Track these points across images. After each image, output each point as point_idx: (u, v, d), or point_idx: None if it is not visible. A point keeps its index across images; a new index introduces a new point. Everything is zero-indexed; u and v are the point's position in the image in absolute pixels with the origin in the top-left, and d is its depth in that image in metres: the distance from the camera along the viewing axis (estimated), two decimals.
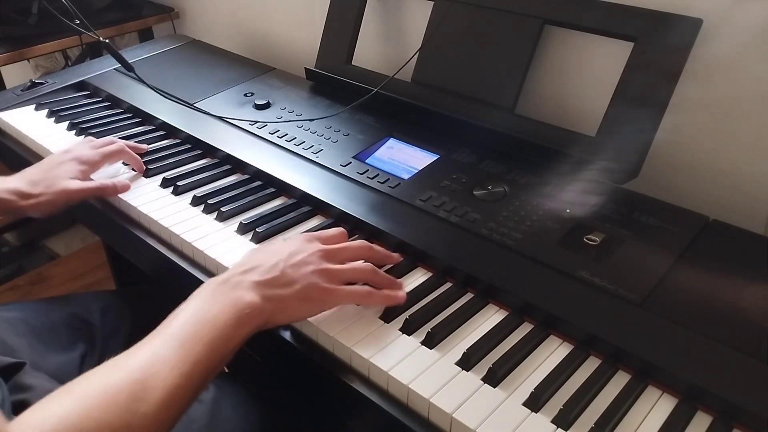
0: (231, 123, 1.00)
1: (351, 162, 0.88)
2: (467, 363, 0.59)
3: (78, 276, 1.78)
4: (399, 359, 0.59)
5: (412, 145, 0.92)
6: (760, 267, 0.67)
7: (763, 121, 0.79)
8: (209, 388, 0.73)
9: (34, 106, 1.11)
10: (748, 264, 0.67)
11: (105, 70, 1.22)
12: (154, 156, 0.94)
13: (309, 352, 0.63)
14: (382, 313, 0.65)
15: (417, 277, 0.71)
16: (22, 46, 1.34)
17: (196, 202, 0.84)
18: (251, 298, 0.59)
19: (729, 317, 0.61)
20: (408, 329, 0.63)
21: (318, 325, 0.63)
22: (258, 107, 1.04)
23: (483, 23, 0.93)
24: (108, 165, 0.90)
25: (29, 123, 1.06)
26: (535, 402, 0.55)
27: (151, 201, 0.84)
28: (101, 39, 1.07)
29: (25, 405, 0.62)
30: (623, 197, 0.77)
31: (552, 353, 0.61)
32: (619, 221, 0.73)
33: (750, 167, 0.82)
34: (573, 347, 0.61)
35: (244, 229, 0.78)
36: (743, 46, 0.77)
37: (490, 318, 0.65)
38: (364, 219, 0.77)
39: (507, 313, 0.65)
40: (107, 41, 1.08)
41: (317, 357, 0.63)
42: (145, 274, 0.87)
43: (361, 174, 0.85)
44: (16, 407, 0.60)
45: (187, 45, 1.34)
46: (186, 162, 0.94)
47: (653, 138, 0.78)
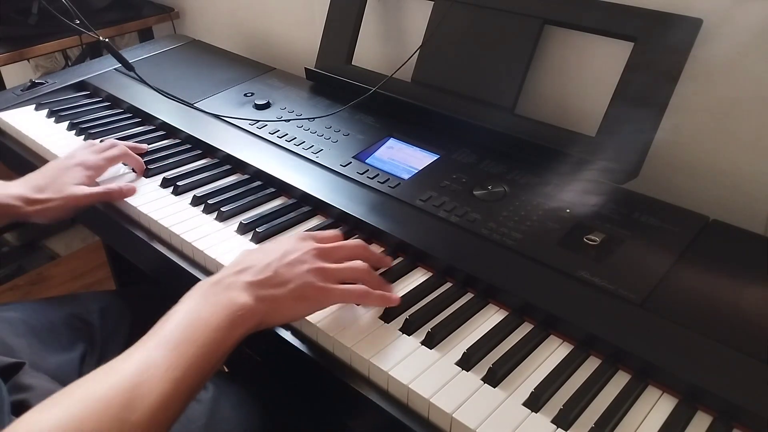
0: (231, 123, 1.00)
1: (351, 162, 0.88)
2: (467, 363, 0.59)
3: (78, 276, 1.78)
4: (399, 359, 0.59)
5: (412, 145, 0.92)
6: (760, 267, 0.67)
7: (763, 121, 0.79)
8: (208, 388, 0.73)
9: (34, 106, 1.11)
10: (748, 264, 0.67)
11: (105, 70, 1.22)
12: (154, 156, 0.94)
13: (309, 352, 0.63)
14: (382, 313, 0.65)
15: (417, 277, 0.71)
16: (22, 46, 1.34)
17: (196, 202, 0.84)
18: (244, 299, 0.58)
19: (729, 317, 0.61)
20: (408, 329, 0.63)
21: (318, 325, 0.63)
22: (258, 107, 1.04)
23: (483, 23, 0.93)
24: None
25: (29, 123, 1.06)
26: (535, 402, 0.55)
27: (151, 201, 0.84)
28: (101, 38, 1.07)
29: (25, 405, 0.62)
30: (623, 197, 0.77)
31: (552, 353, 0.61)
32: (619, 221, 0.73)
33: (750, 167, 0.82)
34: (573, 347, 0.61)
35: (244, 229, 0.78)
36: (743, 46, 0.77)
37: (490, 318, 0.65)
38: (364, 219, 0.77)
39: (507, 313, 0.65)
40: (107, 41, 1.08)
41: (317, 357, 0.63)
42: (145, 274, 0.87)
43: (361, 174, 0.85)
44: (15, 407, 0.60)
45: (187, 45, 1.34)
46: (186, 162, 0.94)
47: (653, 138, 0.78)
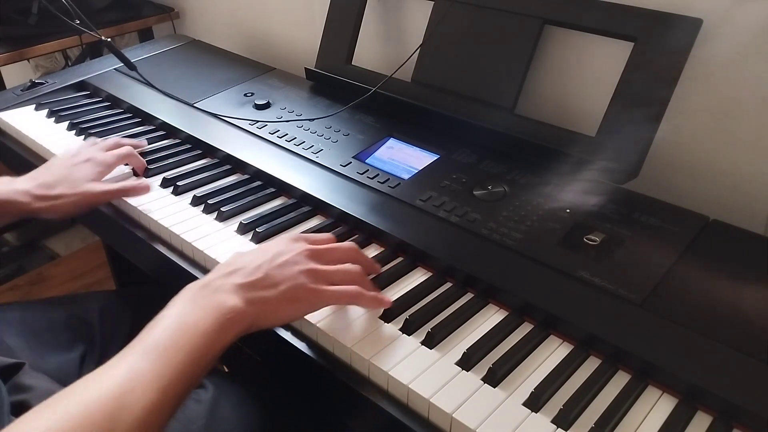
0: (231, 123, 1.00)
1: (351, 162, 0.88)
2: (467, 363, 0.59)
3: (78, 276, 1.78)
4: (399, 359, 0.59)
5: (412, 145, 0.92)
6: (760, 267, 0.67)
7: (763, 122, 0.79)
8: (208, 388, 0.73)
9: (34, 106, 1.11)
10: (748, 264, 0.67)
11: (105, 70, 1.22)
12: (154, 156, 0.94)
13: (309, 352, 0.63)
14: (382, 313, 0.65)
15: (417, 277, 0.71)
16: (22, 46, 1.34)
17: (196, 202, 0.84)
18: (234, 301, 0.56)
19: (729, 317, 0.61)
20: (408, 329, 0.63)
21: (318, 325, 0.63)
22: (258, 107, 1.04)
23: (483, 23, 0.93)
24: None
25: (29, 123, 1.06)
26: (535, 402, 0.55)
27: (151, 201, 0.84)
28: (103, 38, 1.07)
29: (25, 405, 0.62)
30: (623, 197, 0.77)
31: (552, 353, 0.61)
32: (619, 221, 0.73)
33: (750, 167, 0.82)
34: (573, 347, 0.61)
35: (244, 229, 0.78)
36: (743, 46, 0.77)
37: (490, 318, 0.65)
38: (364, 219, 0.77)
39: (507, 313, 0.65)
40: (109, 40, 1.08)
41: (317, 357, 0.63)
42: (145, 274, 0.87)
43: (361, 174, 0.85)
44: (15, 408, 0.60)
45: (187, 45, 1.34)
46: (186, 162, 0.94)
47: (653, 138, 0.78)
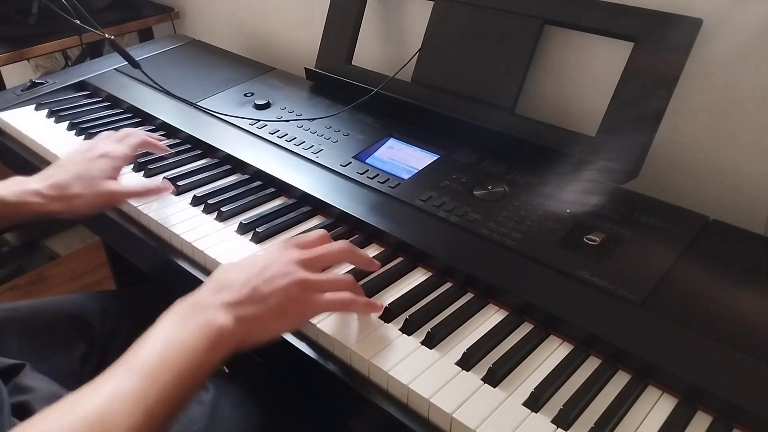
0: (231, 123, 1.00)
1: (351, 162, 0.88)
2: (467, 363, 0.59)
3: (78, 276, 1.78)
4: (399, 359, 0.59)
5: (412, 145, 0.92)
6: (760, 267, 0.67)
7: (763, 122, 0.79)
8: (209, 388, 0.73)
9: (34, 106, 1.11)
10: (748, 264, 0.67)
11: (105, 70, 1.22)
12: (154, 156, 0.94)
13: (309, 352, 0.63)
14: (382, 314, 0.65)
15: (417, 277, 0.71)
16: (22, 46, 1.34)
17: (196, 202, 0.84)
18: (222, 320, 0.54)
19: (729, 317, 0.61)
20: (408, 329, 0.63)
21: (318, 325, 0.63)
22: (258, 107, 1.04)
23: (483, 23, 0.93)
24: None
25: (29, 123, 1.06)
26: (535, 402, 0.55)
27: (151, 201, 0.84)
28: (106, 36, 1.07)
29: (26, 406, 0.62)
30: (623, 197, 0.77)
31: (552, 353, 0.61)
32: (619, 221, 0.73)
33: (750, 167, 0.82)
34: (573, 347, 0.61)
35: (244, 229, 0.78)
36: (743, 46, 0.77)
37: (490, 318, 0.65)
38: (364, 219, 0.77)
39: (507, 313, 0.65)
40: (112, 38, 1.08)
41: (317, 357, 0.63)
42: (145, 274, 0.87)
43: (361, 174, 0.85)
44: (16, 409, 0.60)
45: (187, 45, 1.34)
46: (186, 162, 0.94)
47: (653, 138, 0.78)
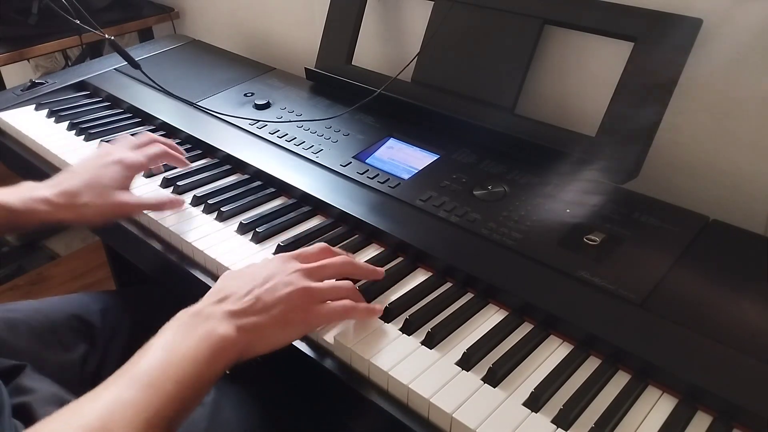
0: (231, 123, 1.00)
1: (351, 162, 0.88)
2: (467, 363, 0.59)
3: (78, 276, 1.78)
4: (399, 359, 0.59)
5: (412, 145, 0.92)
6: (760, 267, 0.67)
7: (763, 122, 0.79)
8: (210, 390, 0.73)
9: (34, 106, 1.11)
10: (748, 264, 0.67)
11: (105, 70, 1.22)
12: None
13: (309, 352, 0.63)
14: (382, 314, 0.65)
15: (417, 277, 0.71)
16: (22, 46, 1.34)
17: (196, 202, 0.84)
18: (225, 329, 0.55)
19: (729, 317, 0.61)
20: (408, 329, 0.63)
21: None
22: (258, 107, 1.04)
23: (483, 23, 0.93)
24: None
25: (29, 123, 1.06)
26: (535, 402, 0.55)
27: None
28: (106, 36, 1.07)
29: (26, 407, 0.62)
30: (623, 197, 0.77)
31: (552, 353, 0.61)
32: (619, 221, 0.73)
33: (750, 167, 0.82)
34: (573, 347, 0.61)
35: (244, 229, 0.78)
36: (743, 46, 0.77)
37: (490, 318, 0.65)
38: (364, 219, 0.77)
39: (507, 313, 0.65)
40: (112, 38, 1.08)
41: (317, 357, 0.63)
42: (145, 274, 0.87)
43: (361, 174, 0.85)
44: (17, 410, 0.60)
45: (187, 45, 1.34)
46: None
47: (653, 138, 0.78)
